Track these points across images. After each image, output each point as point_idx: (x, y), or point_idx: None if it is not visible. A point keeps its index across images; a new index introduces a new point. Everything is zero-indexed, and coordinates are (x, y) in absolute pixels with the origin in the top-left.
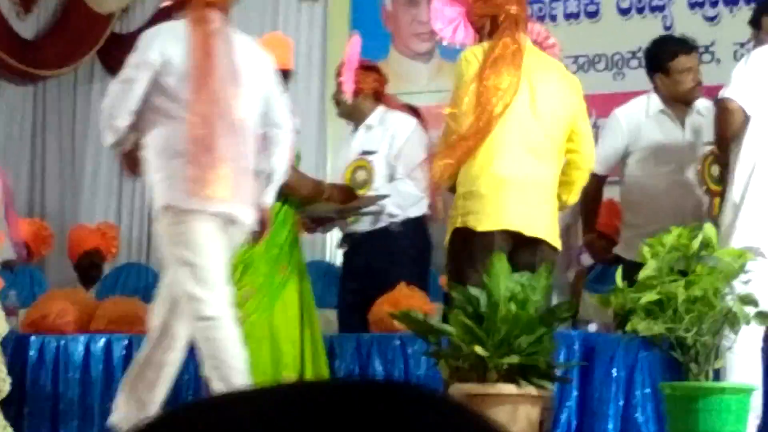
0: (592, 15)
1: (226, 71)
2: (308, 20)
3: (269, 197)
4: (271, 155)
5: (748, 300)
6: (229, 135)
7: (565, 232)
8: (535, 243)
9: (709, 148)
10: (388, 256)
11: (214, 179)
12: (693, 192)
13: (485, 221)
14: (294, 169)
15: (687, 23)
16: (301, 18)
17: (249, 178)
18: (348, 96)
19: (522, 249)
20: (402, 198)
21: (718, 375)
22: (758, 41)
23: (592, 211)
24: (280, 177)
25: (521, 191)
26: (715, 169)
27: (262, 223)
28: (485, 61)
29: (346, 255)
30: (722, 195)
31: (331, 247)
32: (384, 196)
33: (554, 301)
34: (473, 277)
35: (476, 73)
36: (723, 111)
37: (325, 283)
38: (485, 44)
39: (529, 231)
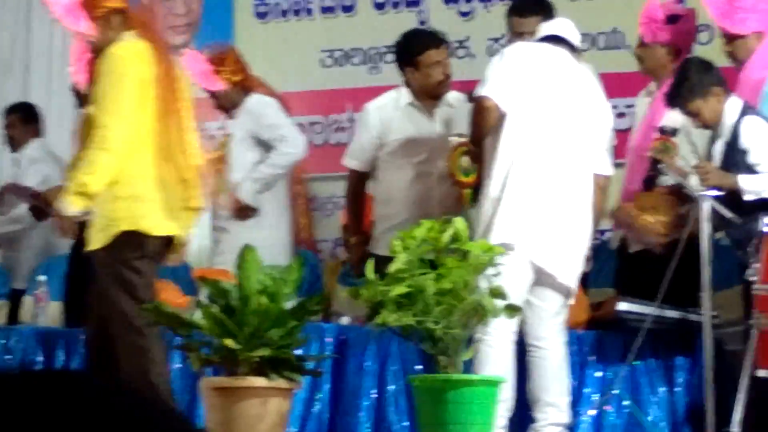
0: (348, 9)
1: None
2: None
3: None
4: None
5: (497, 293)
6: None
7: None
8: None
9: (459, 139)
10: None
11: None
12: (441, 183)
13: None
14: None
15: (442, 18)
16: None
17: None
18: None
19: None
20: None
21: (469, 367)
22: (511, 38)
23: (354, 207)
24: None
25: None
26: (465, 161)
27: None
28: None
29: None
30: (475, 187)
31: None
32: None
33: None
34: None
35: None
36: (479, 109)
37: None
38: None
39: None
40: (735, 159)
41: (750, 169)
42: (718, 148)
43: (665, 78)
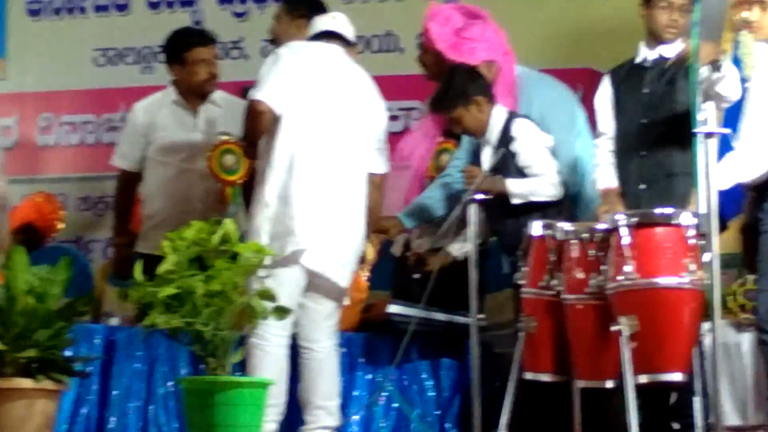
0: (122, 8)
1: None
2: None
3: None
4: None
5: (266, 295)
6: None
7: None
8: None
9: (222, 138)
10: None
11: None
12: (203, 181)
13: None
14: None
15: (216, 18)
16: None
17: None
18: None
19: None
20: None
21: (241, 368)
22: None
23: (120, 207)
24: None
25: None
26: (230, 159)
27: None
28: None
29: None
30: (245, 187)
31: None
32: None
33: None
34: None
35: None
36: (252, 113)
37: None
38: None
39: None
40: (506, 162)
41: (521, 172)
42: (488, 152)
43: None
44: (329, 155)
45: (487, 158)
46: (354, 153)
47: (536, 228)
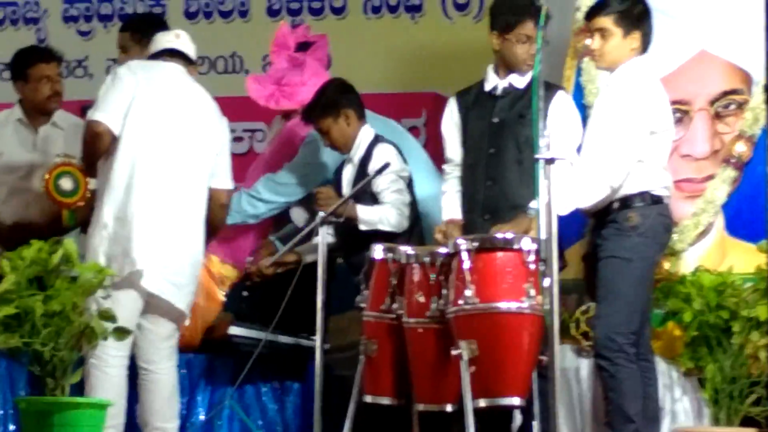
0: None
1: None
2: None
3: None
4: None
5: (106, 316)
6: None
7: None
8: None
9: (59, 159)
10: None
11: None
12: (38, 201)
13: None
14: None
15: (61, 37)
16: None
17: None
18: None
19: None
20: None
21: (80, 389)
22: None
23: None
24: None
25: None
26: (67, 182)
27: None
28: None
29: None
30: (90, 207)
31: None
32: None
33: None
34: None
35: None
36: (90, 134)
37: None
38: None
39: None
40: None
41: (374, 197)
42: (349, 173)
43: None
44: (168, 175)
45: (347, 176)
46: (194, 172)
47: (378, 251)
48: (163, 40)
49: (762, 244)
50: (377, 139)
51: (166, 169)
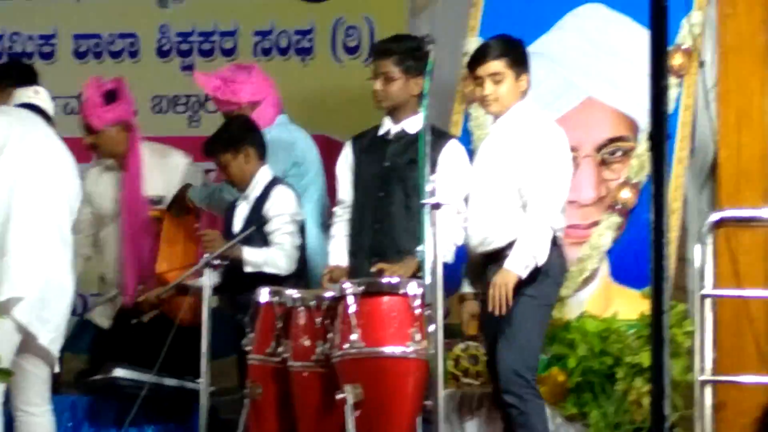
0: None
1: None
2: None
3: None
4: None
5: None
6: None
7: None
8: None
9: None
10: None
11: None
12: None
13: None
14: None
15: None
16: None
17: None
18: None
19: None
20: None
21: None
22: None
23: None
24: None
25: None
26: None
27: None
28: None
29: None
30: None
31: None
32: None
33: None
34: None
35: None
36: None
37: None
38: None
39: None
40: (255, 220)
41: (265, 238)
42: (243, 211)
43: (126, 152)
44: (42, 212)
45: (241, 214)
46: (62, 216)
47: (264, 294)
48: (23, 95)
49: (645, 291)
50: (275, 181)
51: (40, 206)
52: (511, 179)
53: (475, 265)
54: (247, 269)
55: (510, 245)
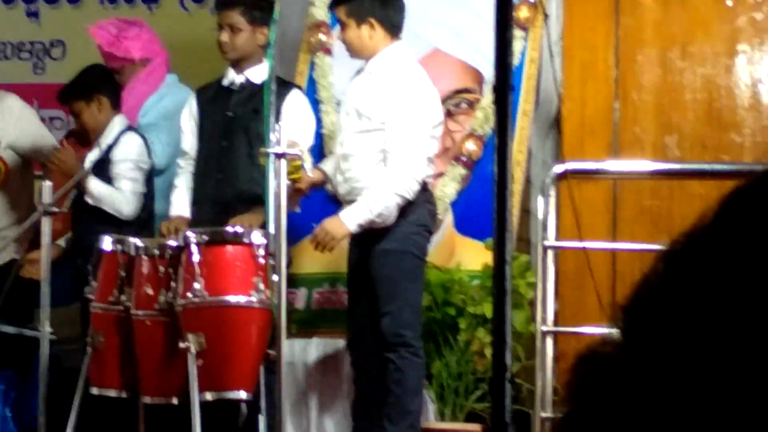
0: None
1: None
2: None
3: None
4: None
5: None
6: None
7: None
8: None
9: None
10: None
11: None
12: None
13: None
14: None
15: None
16: None
17: None
18: None
19: None
20: None
21: None
22: None
23: None
24: None
25: None
26: None
27: None
28: None
29: None
30: None
31: None
32: None
33: None
34: None
35: None
36: None
37: None
38: None
39: None
40: (105, 169)
41: (110, 181)
42: (93, 155)
43: None
44: None
45: (91, 157)
46: None
47: (107, 243)
48: None
49: (489, 242)
50: (128, 129)
51: None
52: (374, 128)
53: None
54: (89, 201)
55: None
